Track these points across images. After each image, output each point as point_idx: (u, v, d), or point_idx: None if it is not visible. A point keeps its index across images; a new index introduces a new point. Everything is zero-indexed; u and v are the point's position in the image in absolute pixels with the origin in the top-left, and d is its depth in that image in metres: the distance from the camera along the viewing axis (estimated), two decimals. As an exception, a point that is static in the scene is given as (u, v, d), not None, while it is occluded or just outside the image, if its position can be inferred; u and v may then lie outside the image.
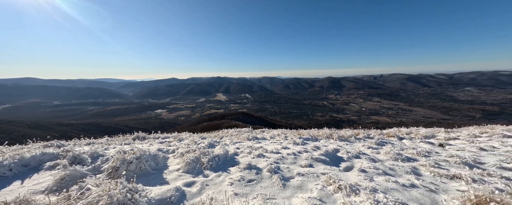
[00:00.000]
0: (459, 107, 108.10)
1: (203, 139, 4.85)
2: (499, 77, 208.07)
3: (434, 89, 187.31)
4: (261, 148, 4.21)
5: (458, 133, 7.92)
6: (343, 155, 4.31)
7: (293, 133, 6.60)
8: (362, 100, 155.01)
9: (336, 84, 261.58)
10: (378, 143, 5.76)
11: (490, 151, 5.43)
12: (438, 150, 5.40)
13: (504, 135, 7.36)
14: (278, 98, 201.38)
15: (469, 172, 3.44)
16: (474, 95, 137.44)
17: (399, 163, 3.98)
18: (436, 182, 3.17)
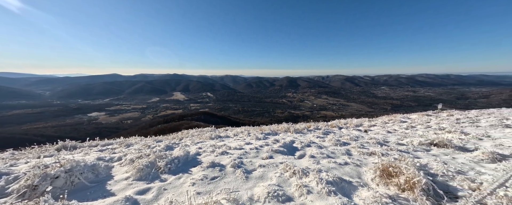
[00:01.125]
0: (378, 101, 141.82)
1: (158, 142, 4.33)
2: (400, 79, 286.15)
3: (363, 88, 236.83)
4: (224, 146, 4.22)
5: (375, 121, 10.43)
6: (298, 145, 4.91)
7: (256, 130, 6.92)
8: (313, 98, 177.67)
9: (293, 83, 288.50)
10: (324, 132, 6.86)
11: (393, 132, 7.49)
12: (363, 135, 6.98)
13: (401, 120, 10.25)
14: (241, 96, 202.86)
15: (380, 149, 4.66)
16: (387, 93, 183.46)
17: (338, 147, 4.92)
18: (360, 159, 4.13)
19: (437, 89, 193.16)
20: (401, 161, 3.21)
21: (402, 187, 2.58)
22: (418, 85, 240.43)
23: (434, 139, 5.41)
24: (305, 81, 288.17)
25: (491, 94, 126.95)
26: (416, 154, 4.59)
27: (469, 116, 9.37)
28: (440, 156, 4.43)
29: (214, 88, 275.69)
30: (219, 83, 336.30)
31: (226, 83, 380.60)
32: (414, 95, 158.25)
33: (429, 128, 7.69)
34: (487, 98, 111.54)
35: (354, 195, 2.53)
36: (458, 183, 2.69)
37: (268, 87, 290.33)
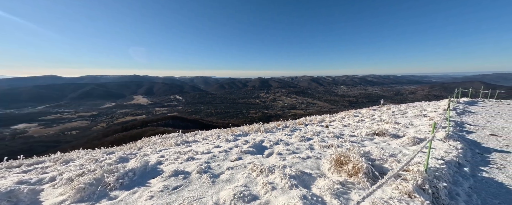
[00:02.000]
0: (338, 99, 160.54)
1: (110, 154, 3.71)
2: (355, 79, 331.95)
3: (326, 87, 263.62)
4: (191, 151, 4.01)
5: (335, 117, 11.78)
6: (267, 144, 5.10)
7: (227, 132, 6.84)
8: (284, 97, 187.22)
9: (265, 84, 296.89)
10: (291, 130, 7.34)
11: (347, 126, 8.62)
12: (325, 130, 7.78)
13: (354, 115, 11.87)
14: (213, 98, 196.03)
15: (336, 141, 5.30)
16: (345, 91, 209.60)
17: (303, 143, 5.35)
18: (321, 152, 4.60)
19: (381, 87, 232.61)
20: (350, 151, 3.73)
21: (350, 173, 3.01)
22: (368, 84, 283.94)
23: (376, 129, 6.50)
24: (276, 81, 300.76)
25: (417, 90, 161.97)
26: (363, 143, 5.41)
27: (401, 109, 11.62)
28: (380, 143, 5.35)
29: (183, 90, 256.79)
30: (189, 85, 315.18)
31: (196, 84, 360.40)
32: (365, 93, 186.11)
33: (374, 120, 9.18)
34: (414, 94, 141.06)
35: (313, 185, 2.81)
36: (389, 164, 3.32)
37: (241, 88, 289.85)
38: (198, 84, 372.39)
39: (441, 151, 4.14)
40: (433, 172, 2.98)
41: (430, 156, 3.95)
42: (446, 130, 5.67)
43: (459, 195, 2.75)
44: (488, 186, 3.10)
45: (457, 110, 9.85)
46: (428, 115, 8.84)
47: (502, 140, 5.31)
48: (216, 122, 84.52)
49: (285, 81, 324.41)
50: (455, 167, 3.59)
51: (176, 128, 56.88)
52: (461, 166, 3.69)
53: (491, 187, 3.06)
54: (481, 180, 3.27)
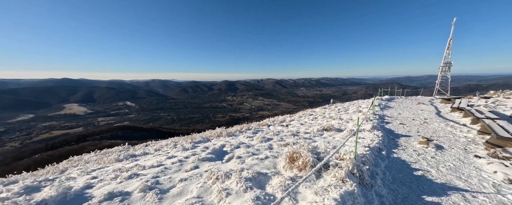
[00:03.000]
0: (299, 100, 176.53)
1: (9, 185, 2.66)
2: (312, 82, 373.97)
3: (288, 89, 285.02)
4: (136, 167, 3.49)
5: (294, 116, 12.86)
6: (228, 149, 5.02)
7: (185, 139, 6.34)
8: (251, 100, 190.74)
9: (232, 86, 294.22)
10: (254, 132, 7.52)
11: (304, 124, 9.55)
12: (284, 129, 8.35)
13: (310, 114, 13.27)
14: (175, 103, 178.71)
15: (293, 139, 5.78)
16: (304, 92, 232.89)
17: (263, 143, 5.55)
18: (278, 151, 4.89)
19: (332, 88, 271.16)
20: (302, 147, 4.14)
21: (300, 168, 3.33)
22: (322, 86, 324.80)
23: (325, 125, 7.47)
24: (243, 84, 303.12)
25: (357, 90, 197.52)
26: (314, 138, 6.12)
27: (344, 107, 13.82)
28: (327, 137, 6.18)
29: (136, 96, 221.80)
30: (144, 89, 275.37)
31: (153, 88, 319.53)
32: (321, 93, 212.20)
33: (324, 117, 10.53)
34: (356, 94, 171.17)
35: (268, 185, 2.94)
36: (330, 155, 3.87)
37: (206, 91, 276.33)
38: (155, 88, 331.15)
39: (368, 140, 5.14)
40: (361, 158, 3.66)
41: (361, 144, 4.84)
42: (372, 122, 7.10)
43: (377, 174, 3.47)
44: (396, 164, 4.05)
45: (381, 105, 12.52)
46: (363, 110, 10.85)
47: (406, 127, 7.08)
48: (179, 129, 77.22)
49: (251, 83, 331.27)
50: (376, 152, 4.52)
51: (127, 139, 48.64)
52: (380, 150, 4.68)
53: (398, 165, 4.01)
54: (392, 160, 4.25)
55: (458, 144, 5.08)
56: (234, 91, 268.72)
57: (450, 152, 4.59)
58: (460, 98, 12.60)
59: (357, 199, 2.46)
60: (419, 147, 4.97)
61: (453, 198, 2.78)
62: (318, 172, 3.15)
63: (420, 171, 3.65)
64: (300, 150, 3.74)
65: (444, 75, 18.89)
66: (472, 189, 3.01)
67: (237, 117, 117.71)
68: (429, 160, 4.14)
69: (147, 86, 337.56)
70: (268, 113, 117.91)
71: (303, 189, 2.72)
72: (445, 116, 8.77)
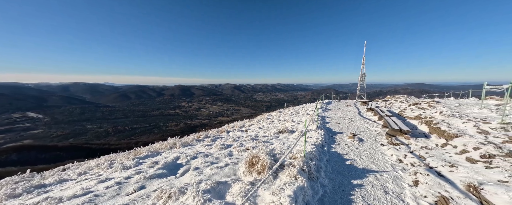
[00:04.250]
0: (257, 104, 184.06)
1: None
2: (268, 87, 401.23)
3: (247, 94, 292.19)
4: (46, 201, 2.56)
5: (253, 121, 13.28)
6: (183, 161, 4.55)
7: (126, 155, 5.24)
8: (210, 105, 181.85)
9: (187, 92, 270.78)
10: (213, 139, 7.19)
11: (262, 128, 10.04)
12: (244, 134, 8.46)
13: (267, 118, 14.10)
14: (110, 112, 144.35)
15: (252, 144, 5.94)
16: (262, 97, 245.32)
17: (223, 151, 5.40)
18: (239, 156, 4.89)
19: (286, 94, 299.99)
20: (260, 151, 4.32)
21: (259, 171, 3.46)
22: (278, 91, 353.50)
23: (281, 128, 8.15)
24: (199, 89, 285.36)
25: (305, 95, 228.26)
26: (272, 141, 6.55)
27: (296, 110, 15.57)
28: (282, 139, 6.75)
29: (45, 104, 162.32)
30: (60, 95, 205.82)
31: (75, 94, 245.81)
32: (276, 98, 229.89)
33: (280, 120, 11.47)
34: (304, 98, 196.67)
35: (228, 193, 2.87)
36: (285, 156, 4.25)
37: (155, 97, 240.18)
38: (78, 93, 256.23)
39: (314, 138, 6.00)
40: (309, 155, 4.22)
41: (309, 143, 5.59)
42: (317, 123, 8.36)
43: (321, 167, 4.10)
44: (334, 156, 4.93)
45: (322, 108, 14.96)
46: (309, 113, 12.59)
47: (340, 126, 8.76)
48: (116, 144, 62.56)
49: (209, 88, 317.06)
50: (320, 148, 5.34)
51: (30, 165, 34.74)
52: (323, 147, 5.57)
53: (335, 157, 4.88)
54: (331, 154, 5.13)
55: (371, 136, 6.76)
56: (189, 96, 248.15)
57: (367, 143, 6.05)
58: (371, 101, 16.92)
59: (306, 192, 2.81)
60: (348, 141, 6.26)
61: (370, 178, 3.66)
62: (275, 173, 3.38)
63: (350, 161, 4.60)
64: (259, 154, 3.90)
65: (362, 83, 24.90)
66: (380, 169, 4.07)
67: (194, 124, 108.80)
68: (355, 151, 5.29)
69: (65, 91, 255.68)
70: (227, 119, 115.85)
71: (262, 191, 2.83)
72: (363, 115, 11.51)
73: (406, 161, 4.35)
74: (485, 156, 3.74)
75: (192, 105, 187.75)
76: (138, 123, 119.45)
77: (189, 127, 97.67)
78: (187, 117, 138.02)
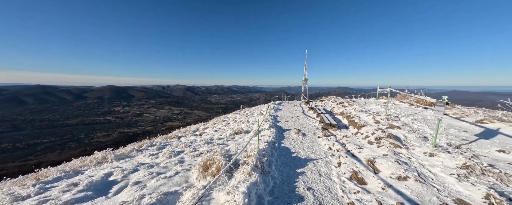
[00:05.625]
0: (213, 107, 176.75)
1: None
2: (224, 89, 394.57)
3: (201, 96, 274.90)
4: None
5: (208, 124, 12.72)
6: (118, 176, 3.76)
7: (21, 182, 3.70)
8: (155, 109, 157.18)
9: (123, 94, 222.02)
10: (160, 147, 6.33)
11: (218, 130, 9.81)
12: (198, 138, 7.97)
13: (223, 120, 13.90)
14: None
15: (207, 147, 5.72)
16: (218, 99, 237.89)
17: (172, 158, 4.88)
18: (191, 162, 4.59)
19: (242, 95, 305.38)
20: (215, 153, 4.25)
21: (214, 174, 3.40)
22: (234, 93, 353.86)
23: (236, 129, 8.27)
24: (141, 91, 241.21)
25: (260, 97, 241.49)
26: (227, 143, 6.55)
27: (251, 111, 16.23)
28: (238, 140, 6.89)
29: None
30: None
31: None
32: (232, 100, 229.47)
33: (236, 122, 11.61)
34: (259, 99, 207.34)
35: (178, 202, 2.66)
36: (240, 156, 4.39)
37: (71, 101, 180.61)
38: None
39: (266, 136, 6.51)
40: (262, 152, 4.56)
41: (262, 141, 6.01)
42: (269, 122, 9.09)
43: (272, 162, 4.53)
44: (283, 151, 5.55)
45: (274, 108, 16.39)
46: (263, 113, 13.47)
47: (288, 123, 9.91)
48: None
49: (154, 90, 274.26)
50: (272, 145, 5.87)
51: None
52: (274, 143, 6.15)
53: (284, 151, 5.52)
54: (281, 149, 5.75)
55: (311, 131, 8.10)
56: (126, 99, 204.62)
57: (308, 136, 7.19)
58: (312, 101, 20.17)
59: (259, 186, 3.04)
60: (295, 136, 7.22)
61: (310, 166, 4.40)
62: (230, 173, 3.43)
63: (295, 153, 5.33)
64: (214, 157, 3.83)
65: (305, 86, 29.21)
66: (317, 157, 4.97)
67: (134, 133, 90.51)
68: (299, 144, 6.17)
69: None
70: (179, 124, 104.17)
71: (216, 193, 2.81)
72: (306, 113, 13.57)
73: (334, 148, 5.53)
74: (377, 138, 5.36)
75: (131, 110, 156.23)
76: (41, 137, 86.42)
77: (126, 137, 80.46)
78: (124, 125, 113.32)
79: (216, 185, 3.05)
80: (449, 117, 7.38)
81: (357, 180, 3.55)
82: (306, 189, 3.32)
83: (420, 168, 3.63)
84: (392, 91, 9.57)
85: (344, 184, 3.46)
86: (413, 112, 8.94)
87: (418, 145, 4.72)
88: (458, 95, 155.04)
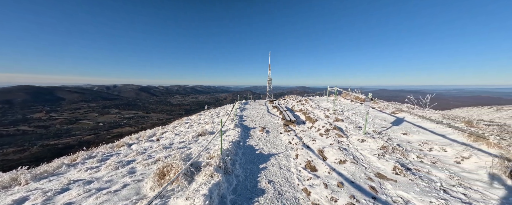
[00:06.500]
0: (174, 108, 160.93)
1: None
2: (187, 89, 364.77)
3: (159, 97, 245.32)
4: None
5: (168, 127, 11.55)
6: (37, 201, 2.95)
7: None
8: (97, 114, 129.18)
9: (46, 96, 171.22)
10: (102, 159, 5.31)
11: (179, 134, 9.04)
12: (155, 144, 7.13)
13: (185, 122, 12.92)
14: None
15: (165, 153, 5.21)
16: (180, 100, 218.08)
17: (119, 170, 4.20)
18: (145, 171, 4.09)
19: (207, 95, 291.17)
20: (174, 158, 3.94)
21: (172, 180, 3.16)
22: (198, 93, 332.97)
23: (200, 131, 7.88)
24: (75, 92, 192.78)
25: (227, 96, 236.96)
26: (190, 146, 6.17)
27: (216, 111, 15.76)
28: (202, 142, 6.60)
29: None
30: None
31: None
32: (197, 100, 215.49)
33: (200, 123, 11.03)
34: (226, 99, 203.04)
35: (126, 218, 2.34)
36: (202, 157, 4.25)
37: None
38: None
39: (231, 136, 6.52)
40: (226, 152, 4.55)
41: (227, 140, 5.98)
42: (235, 122, 9.11)
43: (237, 160, 4.59)
44: (248, 149, 5.70)
45: (241, 108, 16.51)
46: (229, 113, 13.36)
47: (254, 122, 10.21)
48: None
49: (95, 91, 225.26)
50: (237, 144, 5.93)
51: None
52: (239, 142, 6.23)
53: (249, 149, 5.68)
54: (246, 147, 5.89)
55: (274, 128, 8.64)
56: (53, 103, 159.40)
57: (272, 133, 7.65)
58: (276, 100, 21.46)
59: (221, 186, 3.04)
60: (259, 134, 7.53)
61: (272, 160, 4.71)
62: (191, 177, 3.27)
63: (259, 150, 5.58)
64: (172, 162, 3.56)
65: (269, 86, 30.73)
66: (278, 152, 5.36)
67: (66, 144, 71.54)
68: (263, 141, 6.49)
69: None
70: (130, 130, 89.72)
71: (174, 201, 2.63)
72: (271, 111, 14.33)
73: (293, 142, 6.11)
74: (326, 131, 6.27)
75: (60, 116, 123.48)
76: None
77: (53, 150, 63.15)
78: (49, 136, 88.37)
79: (174, 192, 2.85)
80: (376, 110, 9.42)
81: (310, 168, 4.06)
82: (267, 182, 3.54)
83: (355, 152, 4.50)
84: (339, 90, 11.41)
85: (300, 173, 3.90)
86: (353, 107, 10.90)
87: (355, 134, 5.83)
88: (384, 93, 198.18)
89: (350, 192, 2.91)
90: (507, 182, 2.92)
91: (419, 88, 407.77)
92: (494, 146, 3.76)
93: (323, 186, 3.18)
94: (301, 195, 3.12)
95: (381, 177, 3.33)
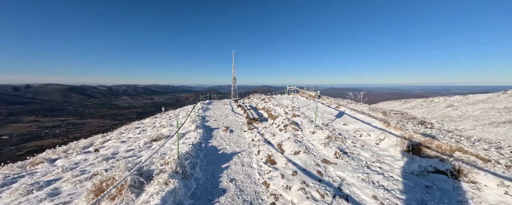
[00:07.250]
0: (122, 112, 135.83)
1: None
2: (138, 89, 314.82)
3: (100, 99, 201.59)
4: None
5: (112, 135, 9.68)
6: None
7: None
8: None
9: None
10: (3, 183, 3.92)
11: (127, 141, 7.75)
12: (92, 156, 5.84)
13: (136, 127, 11.19)
14: None
15: (105, 165, 4.36)
16: (129, 102, 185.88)
17: (34, 194, 3.23)
18: (74, 191, 3.31)
19: (165, 96, 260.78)
20: (117, 169, 3.36)
21: (113, 196, 2.69)
22: (153, 94, 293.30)
23: (154, 136, 7.01)
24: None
25: (189, 97, 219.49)
26: (140, 153, 5.40)
27: (176, 113, 14.41)
28: (156, 147, 5.89)
29: None
30: None
31: None
32: (152, 102, 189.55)
33: (155, 127, 9.80)
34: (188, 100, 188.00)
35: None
36: (156, 164, 3.82)
37: None
38: None
39: (192, 138, 6.13)
40: (184, 155, 4.25)
41: (187, 143, 5.58)
42: (196, 123, 8.61)
43: (197, 163, 4.37)
44: (210, 150, 5.52)
45: (203, 108, 15.71)
46: (191, 114, 12.47)
47: (217, 122, 9.94)
48: None
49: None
50: (198, 146, 5.63)
51: None
52: (201, 144, 5.94)
53: (211, 150, 5.50)
54: (208, 148, 5.68)
55: (239, 126, 8.70)
56: None
57: (235, 132, 7.67)
58: (241, 99, 21.59)
59: (178, 193, 2.83)
60: (223, 134, 7.41)
61: (234, 159, 4.74)
62: (139, 188, 2.89)
63: (222, 150, 5.50)
64: (114, 174, 3.04)
65: (234, 85, 30.59)
66: (241, 150, 5.44)
67: None
68: (226, 141, 6.42)
69: None
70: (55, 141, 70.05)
71: (117, 218, 2.26)
72: (235, 111, 14.31)
73: (256, 139, 6.34)
74: (285, 126, 6.84)
75: None
76: None
77: None
78: None
79: (117, 209, 2.44)
80: (325, 106, 10.98)
81: (270, 162, 4.33)
82: (229, 181, 3.55)
83: (307, 143, 5.13)
84: (296, 88, 12.62)
85: (261, 168, 4.10)
86: (307, 104, 12.30)
87: (307, 127, 6.62)
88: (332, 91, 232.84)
89: (302, 178, 3.30)
90: (406, 155, 4.04)
91: (358, 86, 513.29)
92: (398, 129, 5.11)
93: (280, 177, 3.46)
94: (261, 189, 3.30)
95: (326, 162, 3.94)
